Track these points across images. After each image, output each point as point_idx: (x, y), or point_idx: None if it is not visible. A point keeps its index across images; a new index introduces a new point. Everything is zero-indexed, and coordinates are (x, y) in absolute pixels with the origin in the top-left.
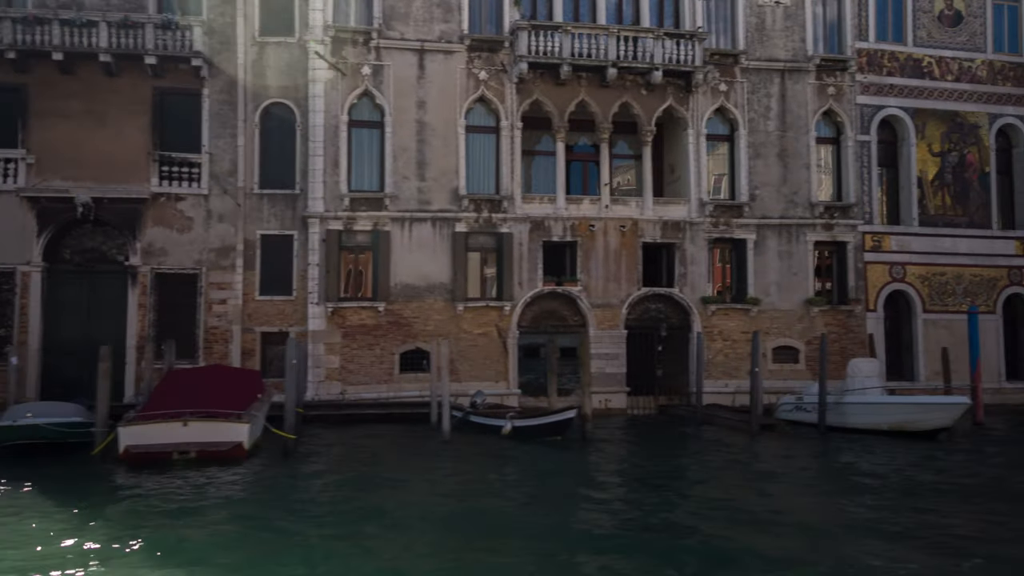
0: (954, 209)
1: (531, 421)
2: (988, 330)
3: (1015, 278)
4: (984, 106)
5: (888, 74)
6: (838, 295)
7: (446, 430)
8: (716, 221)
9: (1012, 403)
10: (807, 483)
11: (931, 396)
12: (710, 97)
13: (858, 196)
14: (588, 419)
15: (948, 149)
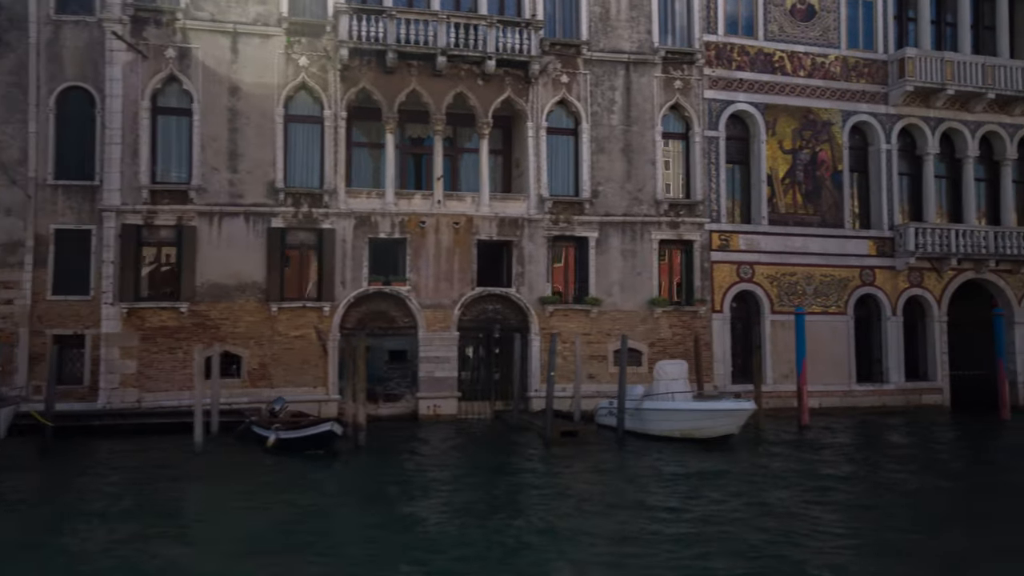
0: (805, 208)
1: (293, 433)
2: (838, 331)
3: (867, 278)
4: (837, 103)
5: (738, 68)
6: (683, 296)
7: (198, 441)
8: (556, 218)
9: (862, 406)
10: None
11: (717, 402)
12: (551, 89)
13: (705, 193)
14: (360, 428)
15: (800, 146)
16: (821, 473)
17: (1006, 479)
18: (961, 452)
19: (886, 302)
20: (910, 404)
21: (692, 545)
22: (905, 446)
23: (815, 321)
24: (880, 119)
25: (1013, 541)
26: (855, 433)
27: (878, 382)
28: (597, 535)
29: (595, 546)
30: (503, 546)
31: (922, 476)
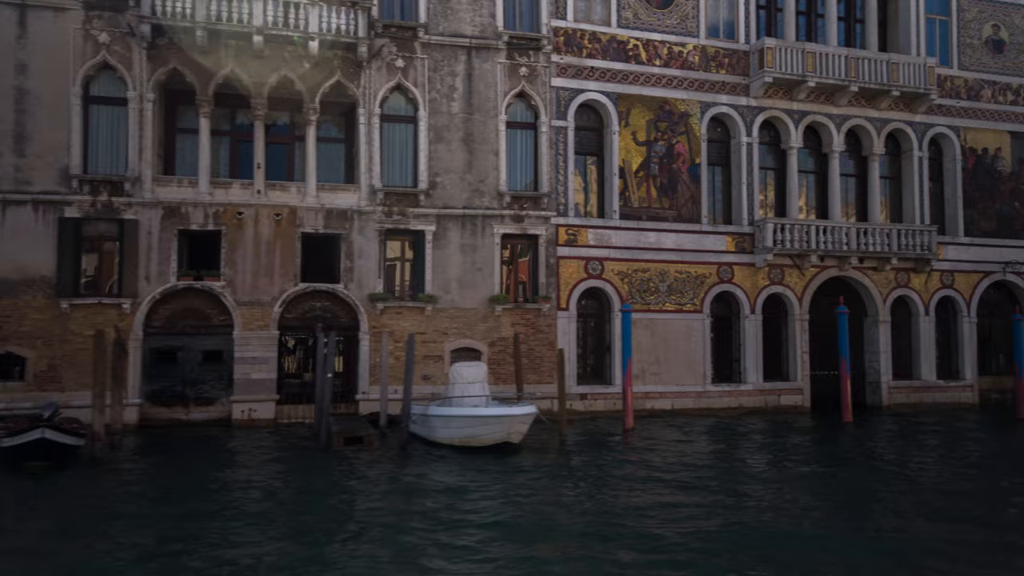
0: (660, 202)
1: (7, 441)
2: (694, 330)
3: (726, 275)
4: (696, 94)
5: (589, 56)
6: (527, 292)
7: None
8: (390, 210)
9: (718, 407)
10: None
11: (493, 407)
12: (386, 74)
13: (552, 186)
14: (116, 434)
15: (655, 138)
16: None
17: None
18: (754, 457)
19: (745, 300)
20: (768, 405)
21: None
22: (707, 453)
23: (669, 319)
24: (741, 111)
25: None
26: (674, 438)
27: (735, 382)
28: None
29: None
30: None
31: (645, 489)
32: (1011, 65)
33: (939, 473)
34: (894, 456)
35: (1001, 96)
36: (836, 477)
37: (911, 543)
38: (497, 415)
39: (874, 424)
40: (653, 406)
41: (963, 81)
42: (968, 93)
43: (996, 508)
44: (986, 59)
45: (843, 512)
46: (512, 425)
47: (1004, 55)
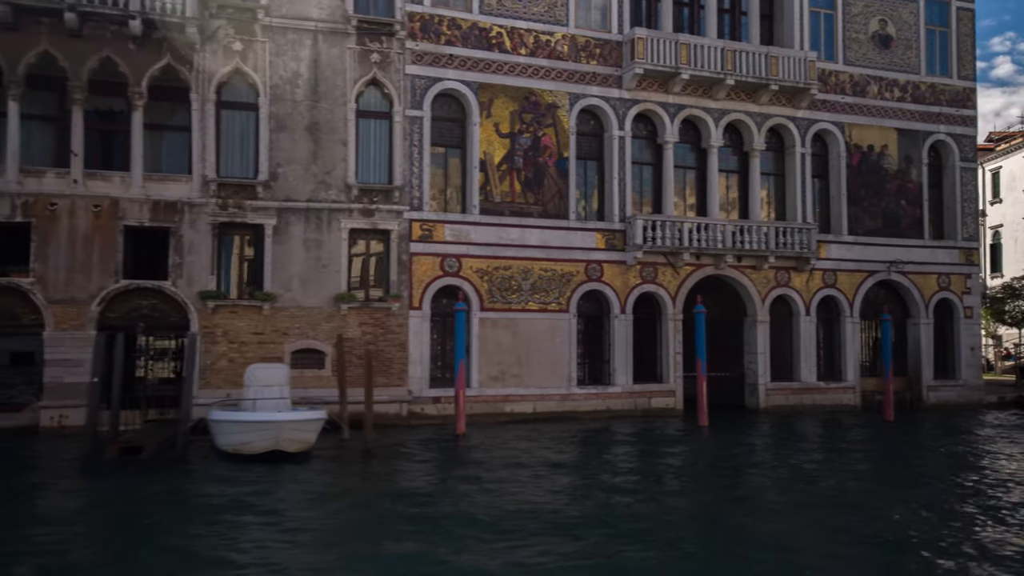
0: (525, 196)
1: None
2: (559, 330)
3: (595, 274)
4: (564, 85)
5: (447, 43)
6: (377, 291)
7: None
8: (225, 203)
9: (584, 410)
10: None
11: (261, 413)
12: (223, 58)
13: (406, 179)
14: None
15: (520, 130)
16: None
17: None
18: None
19: (615, 299)
20: (638, 408)
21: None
22: (505, 463)
23: (532, 319)
24: (613, 104)
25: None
26: (505, 444)
27: (603, 384)
28: None
29: None
30: None
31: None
32: (899, 61)
33: (725, 481)
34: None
35: (888, 92)
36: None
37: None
38: (262, 421)
39: (739, 427)
40: (513, 409)
41: (848, 76)
42: (854, 89)
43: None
44: (873, 54)
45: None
46: (282, 432)
47: (891, 50)
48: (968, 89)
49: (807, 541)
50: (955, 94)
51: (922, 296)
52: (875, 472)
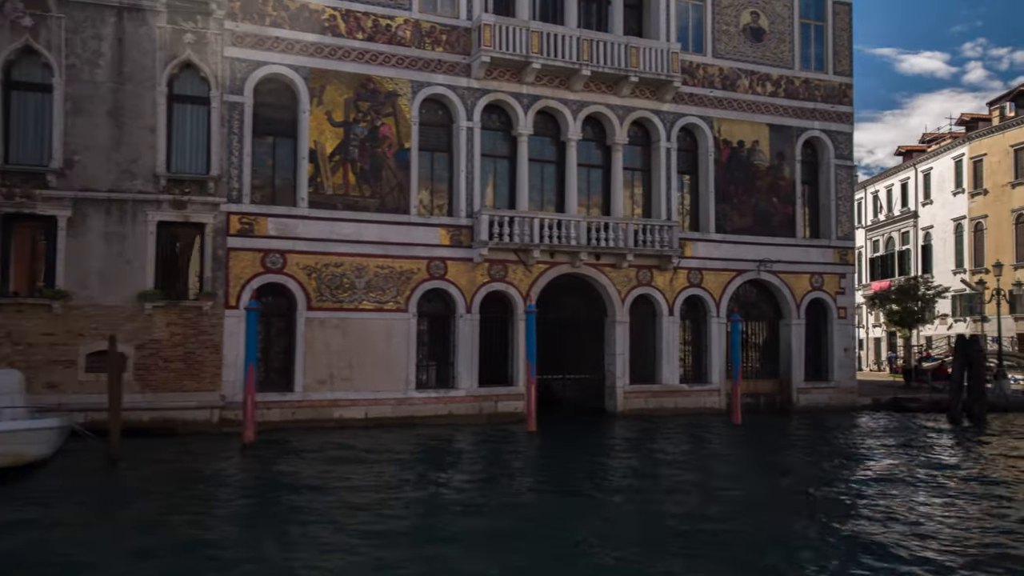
0: (360, 189)
1: None
2: (396, 331)
3: (438, 271)
4: (406, 72)
5: (273, 25)
6: (188, 289)
7: None
8: (11, 192)
9: (423, 415)
10: None
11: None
12: (10, 34)
13: (224, 169)
14: None
15: (355, 119)
16: None
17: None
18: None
19: (460, 298)
20: (484, 412)
21: None
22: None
23: (366, 319)
24: (461, 93)
25: None
26: (295, 456)
27: (445, 388)
28: None
29: None
30: None
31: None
32: (771, 55)
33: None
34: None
35: (760, 87)
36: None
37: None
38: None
39: (572, 433)
40: (342, 415)
41: (718, 70)
42: (723, 83)
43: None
44: (744, 47)
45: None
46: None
47: (764, 44)
48: (844, 85)
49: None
50: (831, 90)
51: (793, 296)
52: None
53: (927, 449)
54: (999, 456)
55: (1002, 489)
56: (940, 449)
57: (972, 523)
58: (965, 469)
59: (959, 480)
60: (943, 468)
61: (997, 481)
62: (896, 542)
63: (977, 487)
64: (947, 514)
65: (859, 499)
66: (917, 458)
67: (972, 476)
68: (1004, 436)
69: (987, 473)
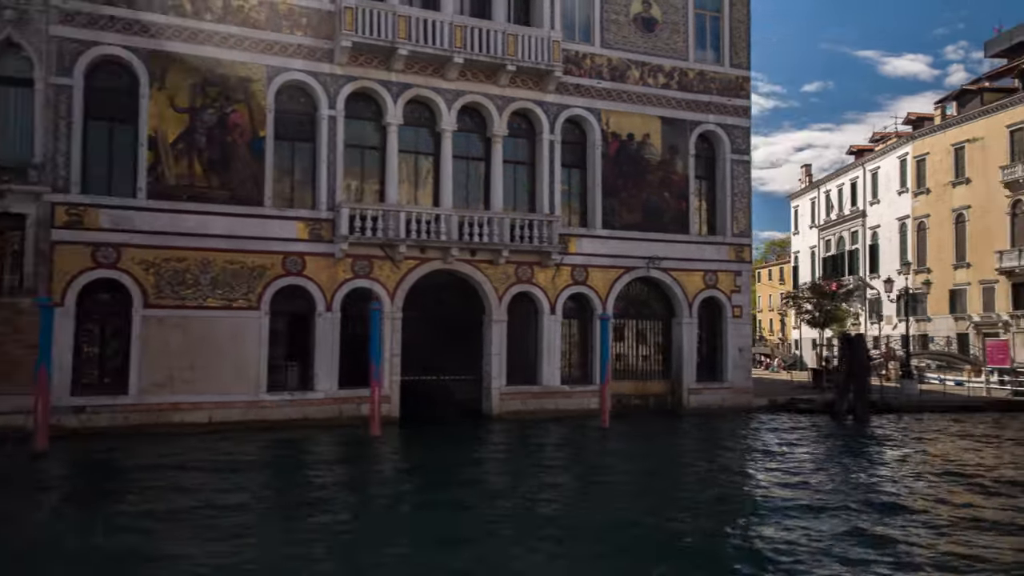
0: (208, 180)
1: None
2: (247, 330)
3: (294, 267)
4: (261, 56)
5: (107, 3)
6: (3, 285)
7: None
8: None
9: (276, 419)
10: None
11: None
12: None
13: (49, 156)
14: None
15: (202, 105)
16: None
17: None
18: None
19: (319, 295)
20: (344, 415)
21: None
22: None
23: (212, 318)
24: (323, 80)
25: None
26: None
27: (302, 390)
28: None
29: None
30: None
31: None
32: (664, 46)
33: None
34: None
35: (651, 78)
36: None
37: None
38: None
39: (423, 438)
40: (183, 419)
41: (606, 60)
42: (612, 73)
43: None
44: (634, 38)
45: None
46: None
47: (656, 34)
48: (741, 78)
49: None
50: (727, 83)
51: (686, 295)
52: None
53: (764, 452)
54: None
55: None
56: (764, 455)
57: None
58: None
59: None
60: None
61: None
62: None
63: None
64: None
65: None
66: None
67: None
68: (872, 436)
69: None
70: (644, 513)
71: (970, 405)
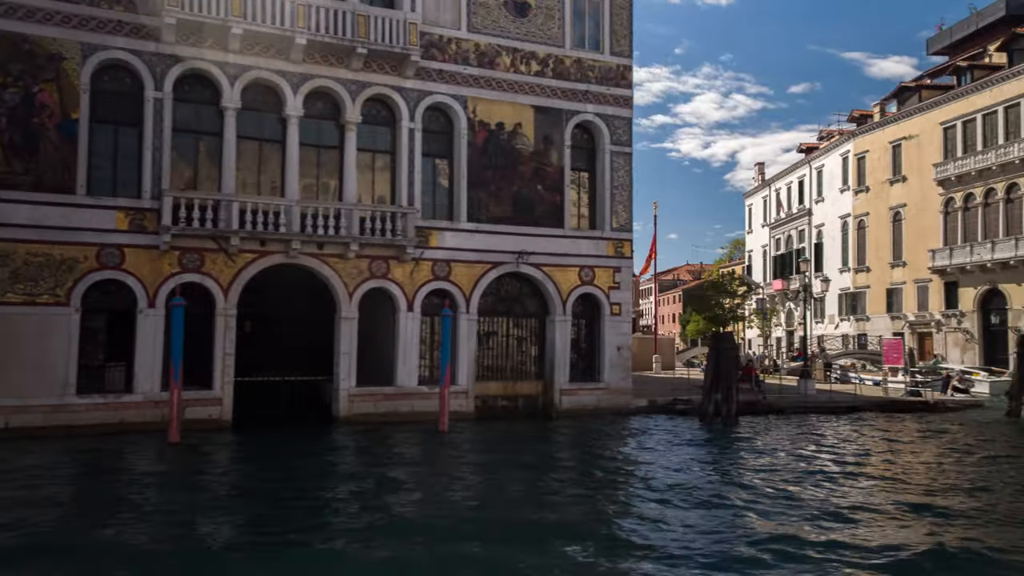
0: (9, 164)
1: None
2: (56, 327)
3: (111, 260)
4: (73, 32)
5: None
6: None
7: None
8: None
9: (87, 423)
10: None
11: None
12: None
13: None
14: None
15: (3, 84)
16: None
17: None
18: None
19: (141, 291)
20: (167, 420)
21: None
22: None
23: (10, 314)
24: (148, 59)
25: None
26: None
27: (117, 393)
28: None
29: None
30: None
31: None
32: (538, 31)
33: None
34: None
35: (524, 65)
36: None
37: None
38: None
39: (211, 446)
40: None
41: (474, 45)
42: (480, 59)
43: None
44: (505, 22)
45: None
46: None
47: (529, 19)
48: (623, 67)
49: None
50: (607, 71)
51: (559, 291)
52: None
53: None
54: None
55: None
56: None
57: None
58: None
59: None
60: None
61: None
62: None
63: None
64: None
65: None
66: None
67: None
68: (729, 440)
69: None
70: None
71: (857, 405)
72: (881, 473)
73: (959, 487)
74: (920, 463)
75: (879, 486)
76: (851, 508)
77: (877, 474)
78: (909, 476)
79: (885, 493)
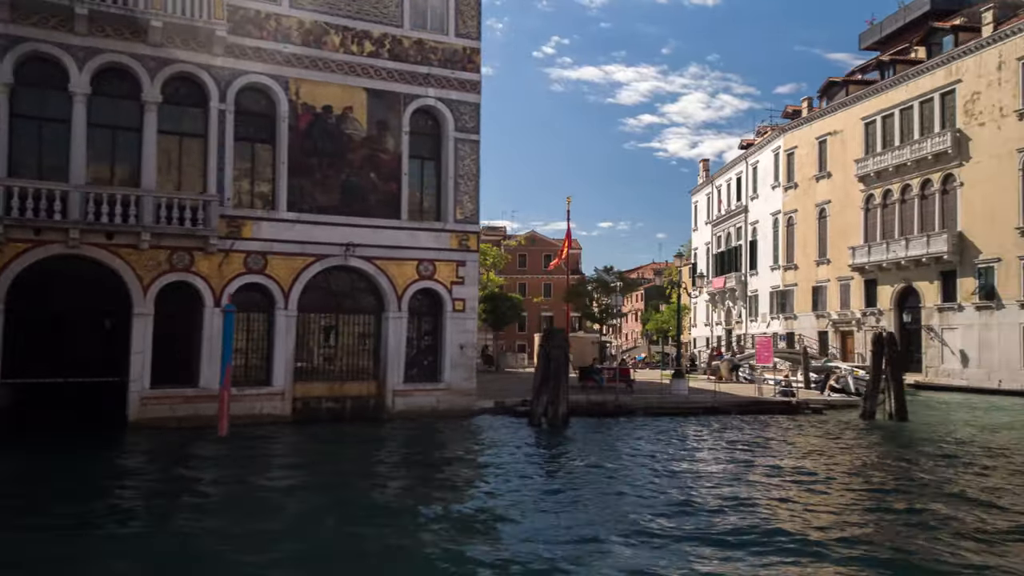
0: None
1: None
2: None
3: None
4: None
5: None
6: None
7: None
8: None
9: None
10: None
11: None
12: None
13: None
14: None
15: None
16: None
17: None
18: None
19: None
20: None
21: None
22: None
23: None
24: None
25: None
26: None
27: None
28: None
29: None
30: None
31: None
32: (371, 9)
33: None
34: None
35: (355, 45)
36: None
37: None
38: None
39: None
40: None
41: (297, 22)
42: (305, 37)
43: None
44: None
45: None
46: None
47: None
48: (470, 50)
49: None
50: (451, 54)
51: (394, 286)
52: None
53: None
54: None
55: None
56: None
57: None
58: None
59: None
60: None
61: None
62: None
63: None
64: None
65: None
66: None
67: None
68: (546, 445)
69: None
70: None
71: (717, 407)
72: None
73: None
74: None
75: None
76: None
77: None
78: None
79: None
